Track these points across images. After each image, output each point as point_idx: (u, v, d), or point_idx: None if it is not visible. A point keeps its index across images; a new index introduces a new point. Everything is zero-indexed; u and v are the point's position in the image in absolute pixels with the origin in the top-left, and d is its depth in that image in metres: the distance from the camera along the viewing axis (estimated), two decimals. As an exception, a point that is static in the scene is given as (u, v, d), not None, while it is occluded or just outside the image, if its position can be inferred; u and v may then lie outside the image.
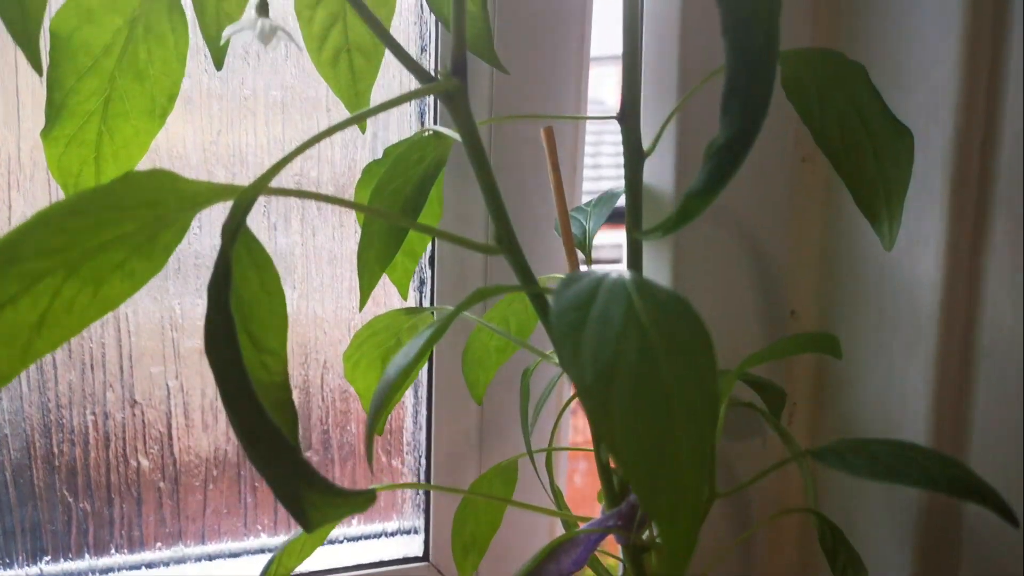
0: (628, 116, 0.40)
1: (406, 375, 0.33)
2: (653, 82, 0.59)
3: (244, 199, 0.33)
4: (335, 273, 0.64)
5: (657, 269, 0.60)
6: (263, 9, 0.38)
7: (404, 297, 0.54)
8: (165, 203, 0.32)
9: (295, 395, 0.57)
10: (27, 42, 0.35)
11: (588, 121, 0.65)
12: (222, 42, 0.41)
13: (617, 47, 0.39)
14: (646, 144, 0.40)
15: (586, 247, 0.50)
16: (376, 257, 0.45)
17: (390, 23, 0.50)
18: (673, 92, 0.58)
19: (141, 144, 0.46)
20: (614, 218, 0.53)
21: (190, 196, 0.32)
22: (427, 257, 0.63)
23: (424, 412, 0.66)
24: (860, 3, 0.57)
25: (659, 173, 0.59)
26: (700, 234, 0.59)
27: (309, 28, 0.50)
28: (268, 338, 0.35)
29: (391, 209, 0.44)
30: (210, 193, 0.33)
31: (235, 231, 0.32)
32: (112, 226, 0.31)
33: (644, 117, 0.47)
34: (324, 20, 0.50)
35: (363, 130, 0.63)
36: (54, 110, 0.42)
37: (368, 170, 0.50)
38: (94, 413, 0.60)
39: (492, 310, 0.56)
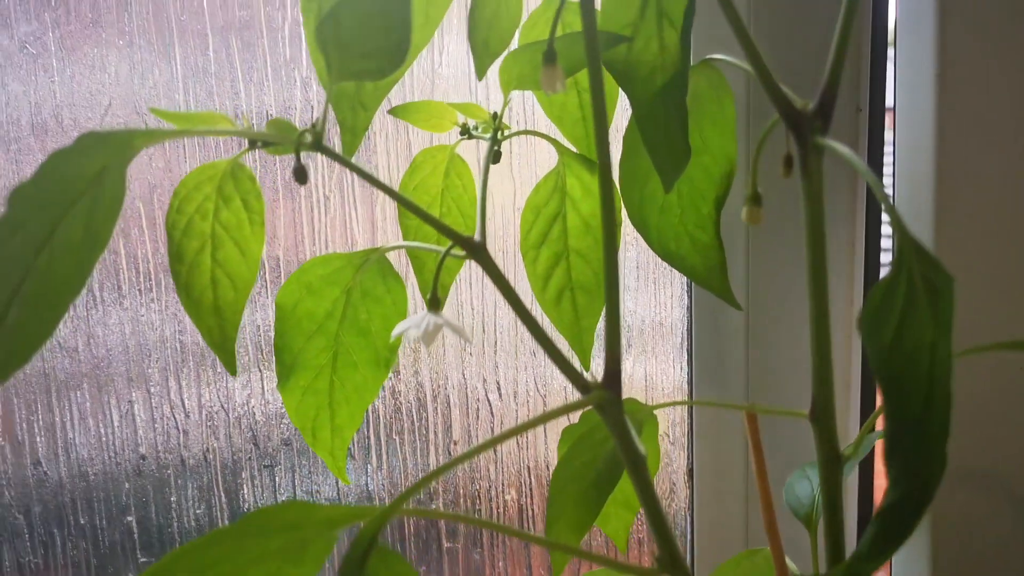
0: (821, 415, 0.33)
1: None
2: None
3: (376, 522, 0.32)
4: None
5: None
6: (434, 304, 0.38)
7: (623, 550, 0.50)
8: (304, 527, 0.33)
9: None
10: (223, 348, 0.38)
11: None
12: (392, 338, 0.42)
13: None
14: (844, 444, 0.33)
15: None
16: (569, 525, 0.42)
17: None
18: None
19: (371, 390, 0.49)
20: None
21: (326, 520, 0.33)
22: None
23: None
24: None
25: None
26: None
27: (534, 268, 0.50)
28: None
29: (582, 482, 0.41)
30: (347, 515, 0.33)
31: (365, 552, 0.32)
32: (257, 547, 0.32)
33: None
34: (548, 260, 0.49)
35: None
36: (286, 369, 0.46)
37: (568, 431, 0.47)
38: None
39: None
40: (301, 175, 0.34)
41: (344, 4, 0.32)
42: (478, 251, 0.36)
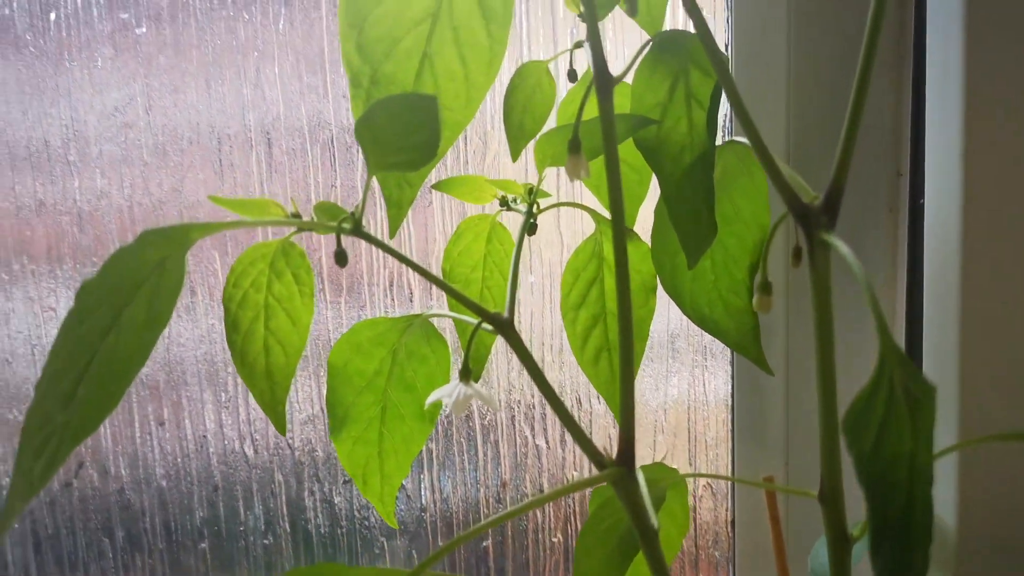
0: (829, 497, 0.34)
1: None
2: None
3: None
4: None
5: None
6: (465, 375, 0.40)
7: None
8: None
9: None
10: (274, 410, 0.42)
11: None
12: (426, 405, 0.45)
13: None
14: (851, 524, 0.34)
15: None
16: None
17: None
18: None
19: (417, 441, 0.52)
20: None
21: (356, 580, 0.35)
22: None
23: None
24: None
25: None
26: None
27: (573, 328, 0.52)
28: None
29: (606, 545, 0.43)
30: (374, 576, 0.35)
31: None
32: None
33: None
34: (586, 321, 0.51)
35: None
36: (338, 421, 0.49)
37: (598, 490, 0.49)
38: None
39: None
40: (341, 258, 0.37)
41: (379, 105, 0.35)
42: (505, 327, 0.39)
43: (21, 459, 0.32)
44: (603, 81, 0.36)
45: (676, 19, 0.61)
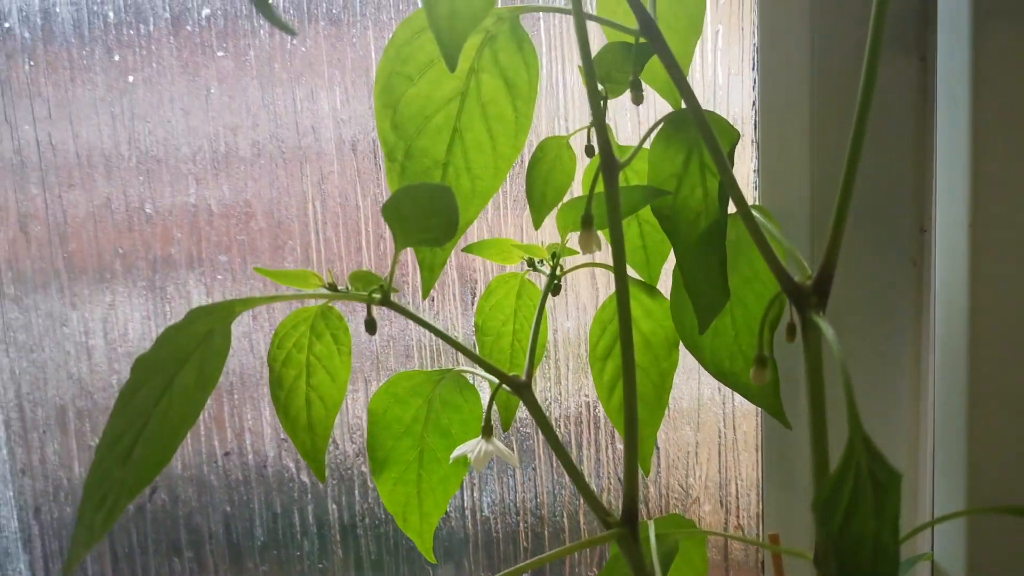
0: (823, 560, 0.36)
1: None
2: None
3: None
4: None
5: None
6: (487, 432, 0.43)
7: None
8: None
9: None
10: (315, 459, 0.46)
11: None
12: (451, 459, 0.48)
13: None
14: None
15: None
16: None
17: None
18: None
19: (453, 482, 0.55)
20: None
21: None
22: None
23: None
24: None
25: None
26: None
27: (600, 378, 0.54)
28: None
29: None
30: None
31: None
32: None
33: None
34: (612, 372, 0.54)
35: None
36: (378, 464, 0.53)
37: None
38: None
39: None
40: (371, 327, 0.41)
41: (403, 191, 0.39)
42: (522, 390, 0.41)
43: (83, 511, 0.36)
44: (608, 165, 0.38)
45: (700, 80, 0.63)
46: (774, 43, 0.56)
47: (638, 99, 0.42)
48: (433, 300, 0.69)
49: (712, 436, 0.68)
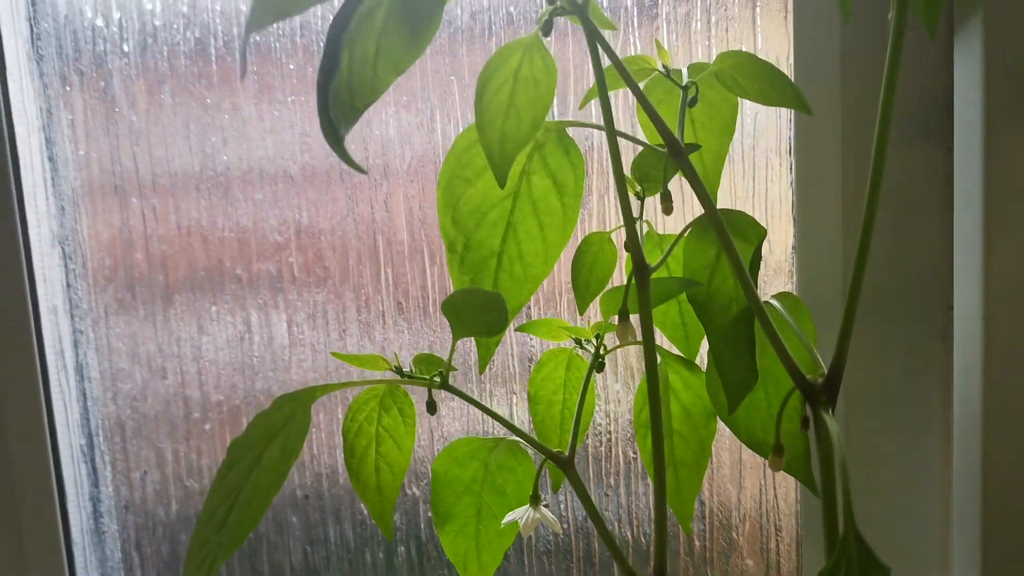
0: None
1: None
2: None
3: None
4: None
5: None
6: (535, 501, 0.48)
7: None
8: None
9: None
10: (382, 519, 0.51)
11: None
12: (502, 526, 0.53)
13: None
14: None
15: None
16: None
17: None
18: None
19: (508, 535, 0.60)
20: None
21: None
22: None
23: None
24: None
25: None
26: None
27: (643, 444, 0.58)
28: None
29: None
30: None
31: None
32: None
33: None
34: (655, 437, 0.58)
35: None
36: (441, 518, 0.58)
37: None
38: None
39: None
40: (432, 408, 0.46)
41: (460, 294, 0.44)
42: (565, 466, 0.46)
43: (187, 570, 0.42)
44: (639, 269, 0.43)
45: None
46: (810, 136, 0.60)
47: (667, 209, 0.46)
48: (494, 363, 0.75)
49: (754, 494, 0.71)
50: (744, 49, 0.65)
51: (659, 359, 0.56)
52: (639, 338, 0.46)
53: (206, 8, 0.75)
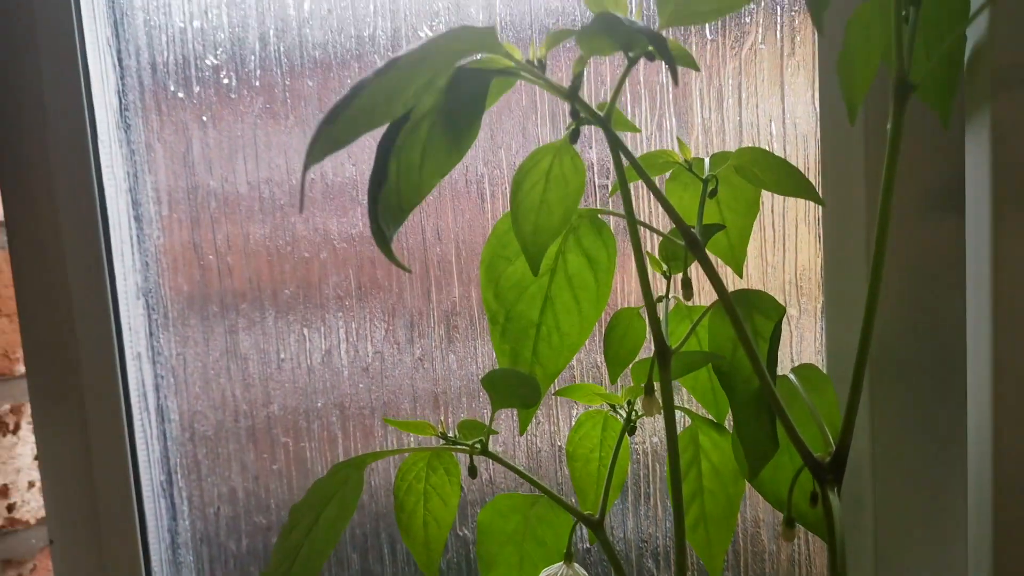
0: None
1: None
2: None
3: None
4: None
5: None
6: (568, 558, 0.52)
7: None
8: None
9: None
10: (429, 568, 0.56)
11: None
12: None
13: None
14: None
15: None
16: None
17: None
18: None
19: (550, 580, 0.64)
20: None
21: None
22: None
23: None
24: None
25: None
26: None
27: (676, 499, 0.62)
28: None
29: None
30: None
31: None
32: None
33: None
34: (686, 495, 0.61)
35: None
36: (485, 564, 0.63)
37: None
38: None
39: None
40: (473, 472, 0.51)
41: (498, 373, 0.48)
42: (595, 527, 0.50)
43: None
44: (661, 353, 0.47)
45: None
46: (838, 204, 0.63)
47: (688, 295, 0.50)
48: (540, 410, 0.79)
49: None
50: (772, 122, 0.69)
51: (690, 421, 0.60)
52: (660, 412, 0.50)
53: (276, 82, 0.82)
